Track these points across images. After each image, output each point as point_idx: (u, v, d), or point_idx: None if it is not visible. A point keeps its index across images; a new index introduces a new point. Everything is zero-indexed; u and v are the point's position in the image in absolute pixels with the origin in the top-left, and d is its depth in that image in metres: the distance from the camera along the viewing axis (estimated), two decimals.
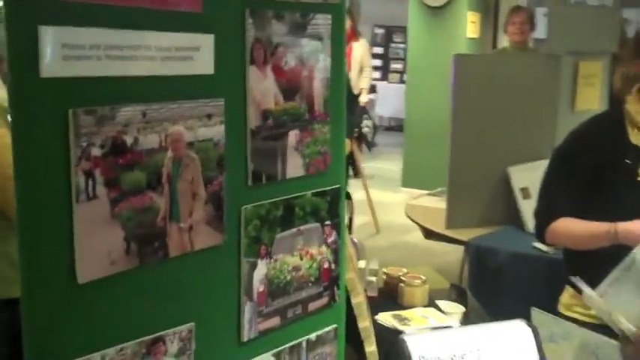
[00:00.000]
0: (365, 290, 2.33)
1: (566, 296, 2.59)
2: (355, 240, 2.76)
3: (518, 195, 3.83)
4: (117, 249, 1.14)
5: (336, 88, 1.58)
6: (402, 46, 11.57)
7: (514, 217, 3.75)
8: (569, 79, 3.92)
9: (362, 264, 2.42)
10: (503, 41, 6.32)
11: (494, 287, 3.69)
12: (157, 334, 1.23)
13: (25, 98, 1.03)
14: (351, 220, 2.57)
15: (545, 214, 2.49)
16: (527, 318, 2.52)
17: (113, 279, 1.15)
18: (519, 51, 5.25)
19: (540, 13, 5.59)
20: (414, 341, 1.44)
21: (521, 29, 5.19)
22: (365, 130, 6.80)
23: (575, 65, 3.93)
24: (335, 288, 1.64)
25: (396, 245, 6.60)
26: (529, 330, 1.51)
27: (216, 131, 1.29)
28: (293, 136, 1.47)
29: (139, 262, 1.18)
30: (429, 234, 4.02)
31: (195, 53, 1.24)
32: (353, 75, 7.13)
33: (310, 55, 1.49)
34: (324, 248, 1.59)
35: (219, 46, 1.28)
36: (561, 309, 2.58)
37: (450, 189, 3.89)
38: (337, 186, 1.61)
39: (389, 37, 12.72)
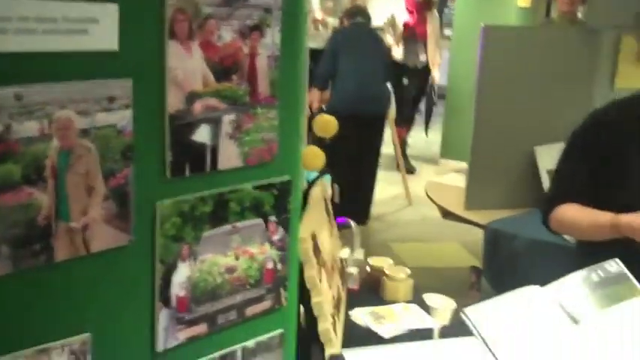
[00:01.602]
0: (345, 283, 2.15)
1: None
2: (352, 223, 2.57)
3: (545, 177, 3.59)
4: None
5: (289, 68, 1.39)
6: None
7: (539, 201, 3.51)
8: (610, 55, 3.61)
9: (345, 253, 2.24)
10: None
11: (509, 274, 3.49)
12: (40, 347, 1.08)
13: None
14: (336, 205, 2.38)
15: (552, 202, 2.29)
16: None
17: None
18: (567, 22, 4.94)
19: None
20: (353, 358, 1.28)
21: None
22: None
23: (617, 40, 3.62)
24: (281, 290, 1.47)
25: (428, 219, 6.39)
26: (486, 348, 1.33)
27: (120, 116, 1.12)
28: (227, 121, 1.29)
29: (12, 266, 1.03)
30: (446, 214, 3.81)
31: (92, 26, 1.06)
32: (430, 49, 6.87)
33: (253, 29, 1.30)
34: (267, 246, 1.41)
35: (126, 18, 1.10)
36: None
37: (472, 168, 3.66)
38: (287, 178, 1.43)
39: (443, 1, 12.29)
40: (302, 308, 1.74)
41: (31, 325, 1.07)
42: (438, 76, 7.02)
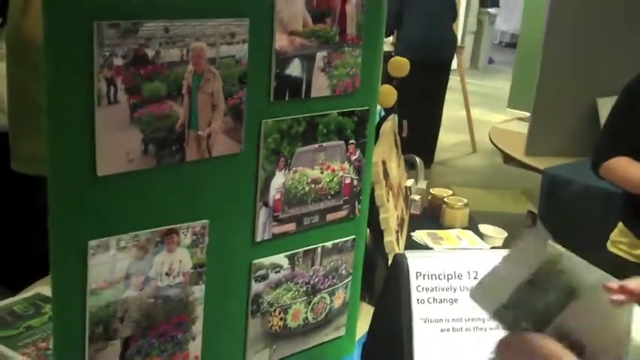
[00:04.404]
0: (409, 208, 2.43)
1: (616, 232, 2.59)
2: (417, 158, 2.83)
3: None
4: (135, 149, 1.30)
5: (372, 13, 1.64)
6: None
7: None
8: None
9: (409, 182, 2.50)
10: None
11: (565, 218, 3.69)
12: (171, 226, 1.40)
13: (55, 9, 1.17)
14: (402, 138, 2.63)
15: (604, 149, 2.48)
16: (596, 252, 2.54)
17: (131, 175, 1.30)
18: None
19: None
20: (414, 258, 1.55)
21: None
22: None
23: None
24: (356, 202, 1.75)
25: (491, 166, 6.57)
26: None
27: (238, 49, 1.40)
28: (320, 57, 1.56)
29: (156, 162, 1.33)
30: (507, 159, 4.02)
31: None
32: None
33: None
34: (346, 165, 1.69)
35: None
36: (609, 245, 2.60)
37: (534, 115, 3.85)
38: (366, 108, 1.69)
39: None
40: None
41: (166, 209, 1.39)
42: None
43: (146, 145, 1.31)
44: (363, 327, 1.84)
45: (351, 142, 1.68)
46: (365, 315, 1.87)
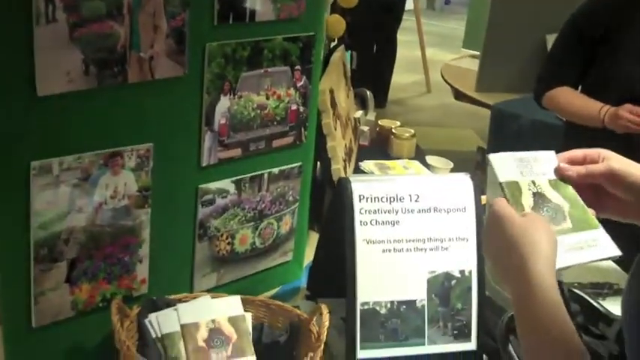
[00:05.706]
0: (357, 139, 2.46)
1: None
2: (368, 92, 2.85)
3: None
4: (75, 69, 1.29)
5: None
6: None
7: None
8: None
9: (358, 114, 2.53)
10: None
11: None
12: (116, 149, 1.40)
13: None
14: (353, 71, 2.64)
15: (546, 79, 2.53)
16: None
17: (72, 96, 1.30)
18: None
19: None
20: (358, 182, 1.58)
21: None
22: None
23: None
24: (302, 129, 1.76)
25: (446, 105, 6.61)
26: (470, 182, 1.61)
27: None
28: None
29: (97, 83, 1.33)
30: (458, 95, 4.07)
31: None
32: None
33: None
34: (292, 91, 1.70)
35: None
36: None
37: (485, 51, 3.89)
38: (311, 34, 1.70)
39: None
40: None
41: (109, 131, 1.39)
42: None
43: (87, 65, 1.30)
44: (311, 255, 1.87)
45: (296, 68, 1.69)
46: (314, 244, 1.90)
